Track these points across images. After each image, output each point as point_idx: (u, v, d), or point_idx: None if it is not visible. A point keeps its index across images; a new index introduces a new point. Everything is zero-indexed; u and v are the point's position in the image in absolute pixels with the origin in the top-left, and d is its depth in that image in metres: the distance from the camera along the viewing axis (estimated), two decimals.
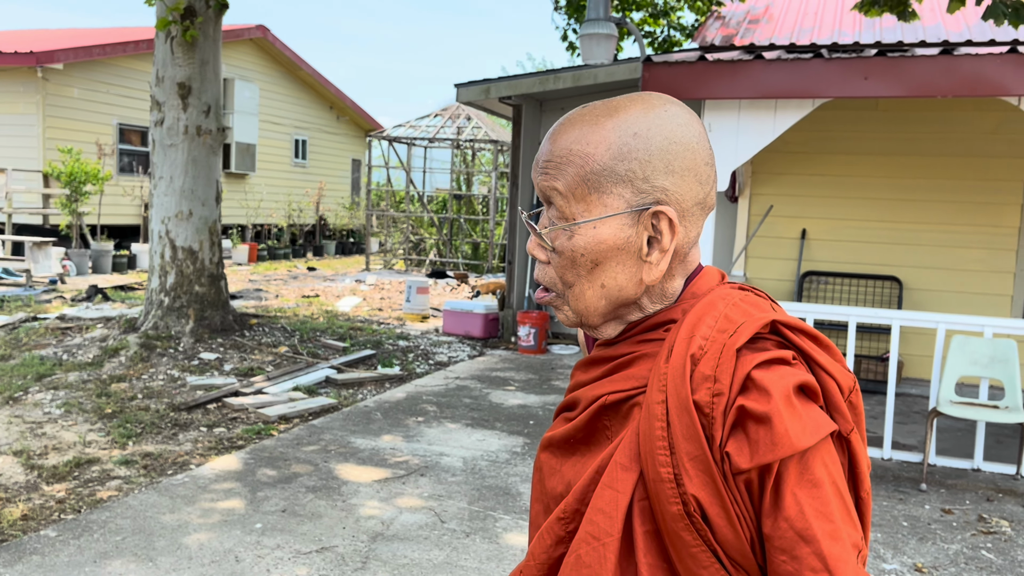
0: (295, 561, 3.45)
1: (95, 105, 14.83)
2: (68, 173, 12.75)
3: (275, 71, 19.16)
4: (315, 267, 16.15)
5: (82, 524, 3.72)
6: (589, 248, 0.95)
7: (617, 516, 0.92)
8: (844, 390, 0.92)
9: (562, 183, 0.95)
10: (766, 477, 0.85)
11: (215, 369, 6.54)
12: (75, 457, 4.57)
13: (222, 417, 5.45)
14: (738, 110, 5.20)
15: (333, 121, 21.53)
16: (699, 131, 0.97)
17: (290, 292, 11.98)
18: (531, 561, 1.00)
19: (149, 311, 7.30)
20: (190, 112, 7.16)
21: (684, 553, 0.88)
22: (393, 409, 5.81)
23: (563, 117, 1.00)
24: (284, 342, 7.50)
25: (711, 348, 0.90)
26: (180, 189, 7.23)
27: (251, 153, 18.11)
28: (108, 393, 5.82)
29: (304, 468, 4.53)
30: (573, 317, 1.01)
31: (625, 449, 0.94)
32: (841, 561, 0.84)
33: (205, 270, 7.37)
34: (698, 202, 0.97)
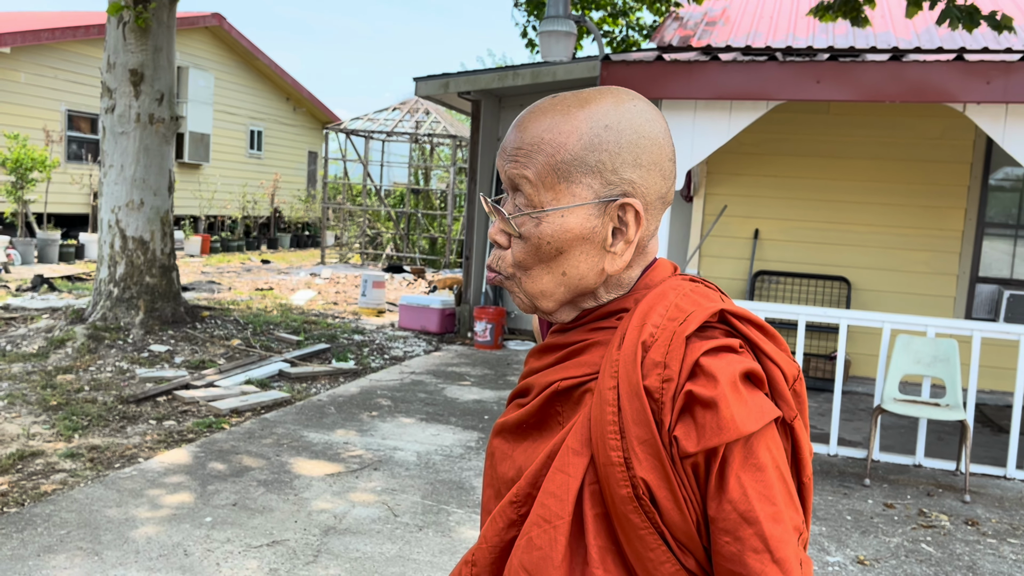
0: (245, 555, 3.42)
1: (43, 91, 14.45)
2: (14, 159, 12.42)
3: (231, 60, 18.87)
4: (269, 260, 15.96)
5: (25, 518, 3.64)
6: (555, 236, 0.96)
7: (568, 499, 0.93)
8: (789, 378, 0.95)
9: (532, 171, 0.96)
10: (712, 461, 0.88)
11: (165, 361, 6.43)
12: (18, 450, 4.46)
13: (172, 410, 5.36)
14: (694, 110, 5.27)
15: (290, 112, 21.28)
16: (664, 127, 0.99)
17: (243, 285, 11.82)
18: (483, 544, 1.01)
19: (97, 302, 7.15)
20: (142, 100, 7.02)
21: (632, 535, 0.90)
22: (347, 403, 5.78)
23: (532, 106, 1.01)
24: (237, 335, 7.40)
25: (661, 336, 0.92)
26: (131, 178, 7.08)
27: (205, 143, 17.82)
28: (53, 385, 5.68)
29: (256, 462, 4.49)
30: (527, 302, 1.02)
31: (577, 434, 0.96)
32: (782, 542, 0.86)
33: (156, 261, 7.24)
34: (660, 196, 0.99)
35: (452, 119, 16.74)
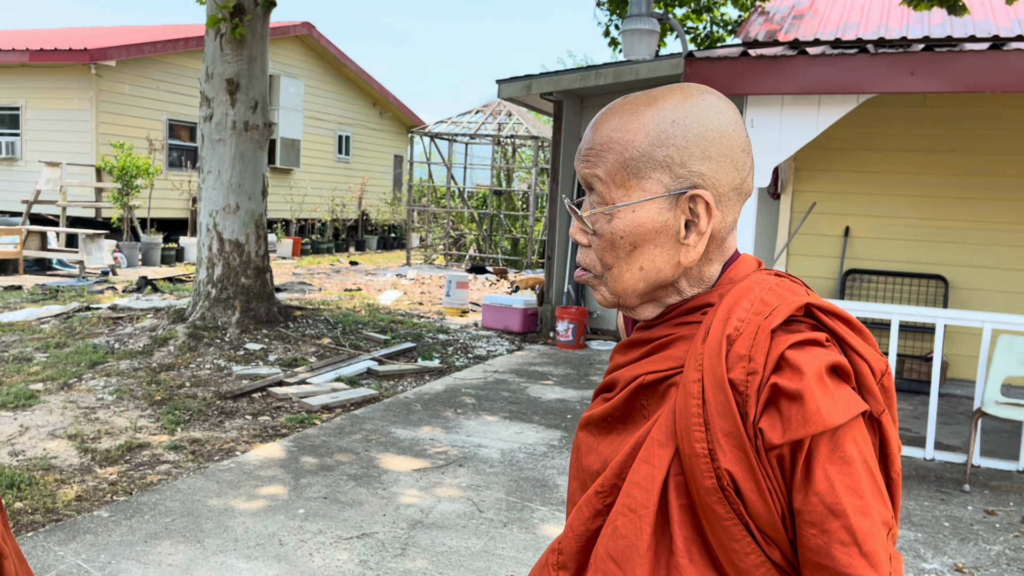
0: (336, 546, 3.53)
1: (146, 101, 15.17)
2: (120, 167, 13.08)
3: (320, 68, 19.41)
4: (357, 261, 16.35)
5: (133, 506, 3.85)
6: (628, 231, 0.99)
7: (653, 489, 0.95)
8: (876, 373, 0.95)
9: (603, 169, 0.99)
10: (797, 453, 0.88)
11: (260, 359, 6.69)
12: (127, 442, 4.71)
13: (267, 406, 5.57)
14: (781, 106, 5.17)
15: (376, 117, 21.75)
16: (735, 119, 1.00)
17: (333, 285, 12.15)
18: (569, 533, 1.04)
19: (197, 302, 7.48)
20: (238, 108, 7.31)
21: (717, 526, 0.91)
22: (433, 401, 5.89)
23: (605, 107, 1.04)
24: (327, 334, 7.63)
25: (746, 329, 0.93)
26: (228, 183, 7.39)
27: (296, 149, 18.38)
28: (158, 381, 5.98)
29: (346, 457, 4.62)
30: (611, 298, 1.05)
31: (662, 426, 0.98)
32: (870, 536, 0.86)
33: (251, 262, 7.52)
34: (734, 187, 1.00)
35: (534, 120, 16.81)
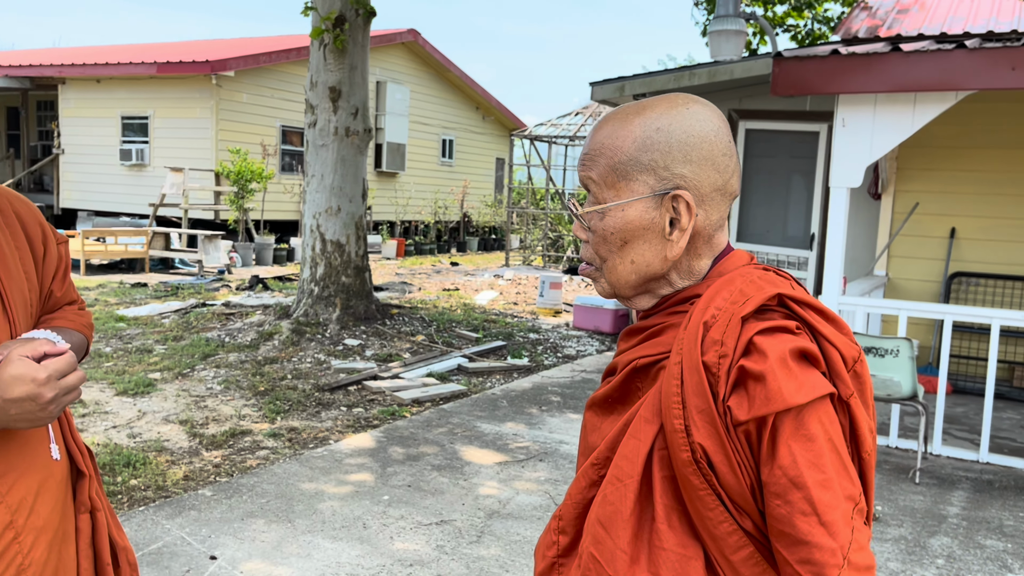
0: (416, 531, 3.71)
1: (261, 108, 15.97)
2: (236, 172, 13.83)
3: (425, 73, 19.92)
4: (458, 262, 16.71)
5: (233, 486, 4.14)
6: (618, 228, 1.09)
7: (638, 461, 1.05)
8: (848, 360, 1.01)
9: (595, 172, 1.10)
10: (763, 429, 0.96)
11: (357, 354, 7.00)
12: (231, 428, 5.05)
13: (361, 398, 5.84)
14: (874, 104, 5.06)
15: (479, 121, 22.13)
16: (717, 126, 1.08)
17: (432, 285, 12.50)
18: (568, 501, 1.14)
19: (300, 299, 7.88)
20: (340, 114, 7.66)
21: (693, 495, 1.00)
22: (519, 398, 6.03)
23: (601, 116, 1.14)
24: (421, 331, 7.89)
25: (721, 316, 1.02)
26: (330, 186, 7.75)
27: (401, 153, 18.93)
28: (262, 373, 6.35)
29: (431, 448, 4.81)
30: (608, 289, 1.15)
31: (649, 405, 1.07)
32: (830, 507, 0.93)
33: (351, 262, 7.86)
34: (716, 188, 1.08)
35: None
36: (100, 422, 5.08)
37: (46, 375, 1.21)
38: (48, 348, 1.25)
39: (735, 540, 0.99)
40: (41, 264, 1.48)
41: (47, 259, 1.49)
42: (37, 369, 1.21)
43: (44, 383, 1.21)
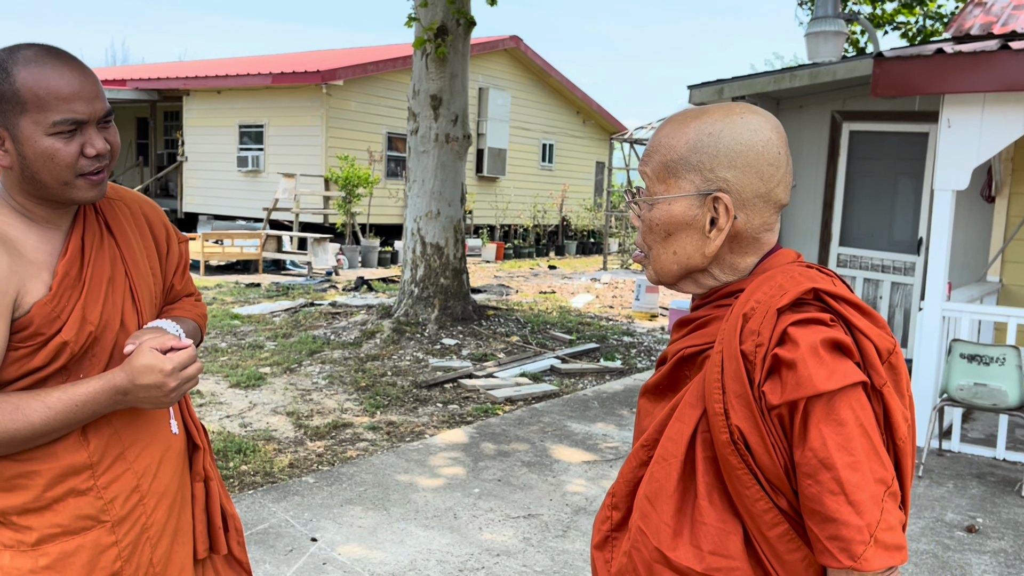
0: (504, 523, 3.85)
1: (368, 116, 16.54)
2: (344, 178, 14.38)
3: (526, 79, 20.16)
4: (555, 265, 16.84)
5: (334, 475, 4.38)
6: (663, 220, 1.18)
7: (681, 442, 1.14)
8: (882, 352, 1.08)
9: (650, 167, 1.20)
10: (795, 413, 1.04)
11: (454, 353, 7.21)
12: (333, 420, 5.32)
13: (456, 396, 6.04)
14: (982, 104, 4.90)
15: (579, 125, 22.22)
16: (767, 137, 1.16)
17: (529, 288, 12.67)
18: (620, 479, 1.24)
19: (401, 300, 8.17)
20: (440, 121, 7.92)
21: (732, 474, 1.09)
22: (610, 399, 6.10)
23: (666, 118, 1.24)
24: (516, 332, 8.05)
25: (759, 309, 1.10)
26: (430, 191, 8.01)
27: (502, 158, 19.21)
28: (364, 369, 6.64)
29: (522, 445, 4.95)
30: (654, 275, 1.25)
31: (693, 390, 1.16)
32: (858, 488, 1.00)
33: (449, 264, 8.10)
34: (759, 195, 1.16)
35: None
36: (215, 412, 5.44)
37: (171, 367, 1.39)
38: (174, 342, 1.43)
39: (771, 517, 1.07)
40: (165, 260, 1.67)
41: (170, 256, 1.69)
42: (164, 361, 1.39)
43: (169, 374, 1.39)
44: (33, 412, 1.34)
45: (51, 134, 1.35)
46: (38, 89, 1.32)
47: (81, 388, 1.37)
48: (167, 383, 1.40)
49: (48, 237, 1.44)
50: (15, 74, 1.32)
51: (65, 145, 1.36)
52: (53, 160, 1.36)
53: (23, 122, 1.34)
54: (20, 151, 1.35)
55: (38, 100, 1.33)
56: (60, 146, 1.35)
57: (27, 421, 1.34)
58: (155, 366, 1.38)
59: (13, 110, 1.33)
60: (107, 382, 1.39)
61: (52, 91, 1.33)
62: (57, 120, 1.34)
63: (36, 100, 1.33)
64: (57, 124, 1.34)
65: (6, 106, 1.33)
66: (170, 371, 1.39)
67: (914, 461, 1.12)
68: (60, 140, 1.35)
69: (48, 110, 1.33)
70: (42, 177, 1.37)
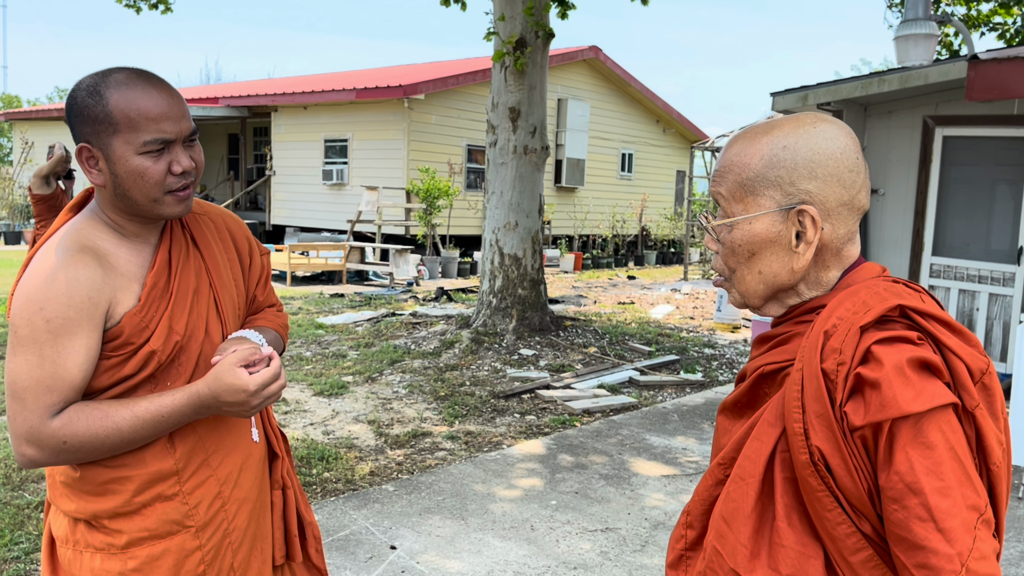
0: (581, 536, 3.81)
1: (448, 129, 16.76)
2: (425, 190, 14.60)
3: (605, 89, 20.09)
4: (635, 276, 16.69)
5: (413, 483, 4.43)
6: (746, 240, 1.15)
7: (760, 462, 1.11)
8: (974, 372, 1.02)
9: (724, 188, 1.17)
10: (879, 435, 0.99)
11: (531, 364, 7.21)
12: (413, 429, 5.38)
13: (533, 407, 6.03)
14: None
15: (659, 134, 22.00)
16: (844, 144, 1.12)
17: (608, 299, 12.58)
18: (696, 498, 1.21)
19: (480, 310, 8.22)
20: (519, 133, 7.95)
21: (812, 496, 1.05)
22: (690, 413, 5.99)
23: (732, 135, 1.21)
24: (594, 343, 8.00)
25: (841, 326, 1.06)
26: (508, 203, 8.05)
27: (580, 168, 19.18)
28: (443, 379, 6.70)
29: (599, 458, 4.90)
30: (739, 298, 1.21)
31: (773, 409, 1.13)
32: (948, 514, 0.95)
33: (527, 275, 8.12)
34: (843, 203, 1.12)
35: None
36: (300, 419, 5.57)
37: (255, 387, 1.43)
38: (256, 356, 1.46)
39: (853, 542, 1.03)
40: (247, 272, 1.72)
41: (252, 268, 1.74)
42: (248, 382, 1.42)
43: (253, 394, 1.43)
44: (122, 420, 1.40)
45: (141, 153, 1.41)
46: (129, 111, 1.38)
47: (167, 399, 1.42)
48: (250, 402, 1.43)
49: (138, 251, 1.50)
50: (107, 97, 1.39)
51: (154, 163, 1.42)
52: (143, 178, 1.41)
53: (115, 142, 1.40)
54: (112, 170, 1.42)
55: (129, 121, 1.39)
56: (149, 164, 1.41)
57: (116, 428, 1.39)
58: (239, 386, 1.41)
59: (106, 131, 1.39)
60: (192, 395, 1.43)
61: (142, 112, 1.39)
62: (147, 140, 1.40)
63: (127, 121, 1.39)
64: (147, 144, 1.40)
65: (99, 127, 1.39)
66: (254, 391, 1.42)
67: (1009, 487, 1.06)
68: (149, 159, 1.41)
69: (139, 130, 1.39)
70: (133, 194, 1.43)
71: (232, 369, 1.41)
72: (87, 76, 1.43)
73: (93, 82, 1.40)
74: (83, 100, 1.40)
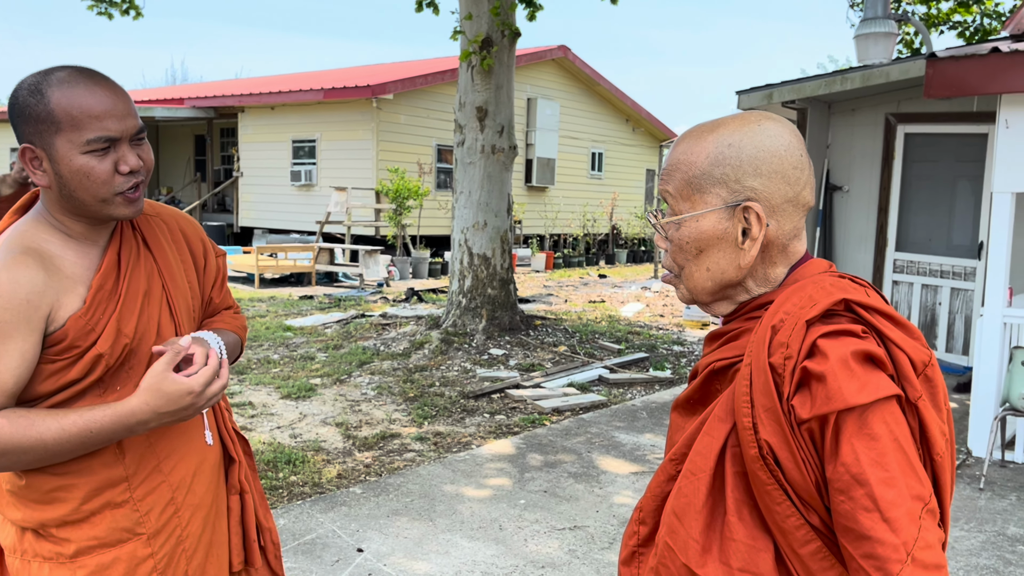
0: (550, 535, 3.82)
1: (418, 129, 16.70)
2: (394, 190, 14.53)
3: (575, 88, 20.14)
4: (606, 274, 16.75)
5: (381, 485, 4.40)
6: (693, 237, 1.15)
7: (711, 457, 1.11)
8: (917, 364, 1.04)
9: (672, 186, 1.17)
10: (825, 427, 1.00)
11: (501, 364, 7.21)
12: (382, 431, 5.35)
13: (503, 406, 6.03)
14: None
15: (629, 133, 22.11)
16: (788, 141, 1.13)
17: (578, 297, 12.61)
18: (648, 494, 1.22)
19: (450, 311, 8.20)
20: (486, 133, 7.94)
21: (761, 490, 1.05)
22: (659, 410, 6.02)
23: (681, 135, 1.22)
24: (564, 342, 8.01)
25: (788, 320, 1.06)
26: (477, 202, 8.04)
27: (551, 167, 19.21)
28: (412, 380, 6.68)
29: (568, 456, 4.91)
30: (687, 294, 1.21)
31: (723, 404, 1.13)
32: (893, 504, 0.96)
33: (496, 275, 8.11)
34: (788, 200, 1.13)
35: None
36: (267, 423, 5.52)
37: (200, 387, 1.40)
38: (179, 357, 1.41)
39: (802, 534, 1.03)
40: (203, 274, 1.70)
41: (207, 270, 1.71)
42: (192, 384, 1.39)
43: (199, 394, 1.40)
44: (47, 431, 1.35)
45: (85, 152, 1.38)
46: (71, 109, 1.36)
47: (98, 414, 1.37)
48: (197, 403, 1.41)
49: (85, 252, 1.47)
50: (49, 95, 1.36)
51: (99, 163, 1.39)
52: (88, 178, 1.39)
53: (58, 141, 1.37)
54: (56, 170, 1.39)
55: (71, 119, 1.36)
56: (95, 164, 1.39)
57: (39, 439, 1.34)
58: (183, 391, 1.37)
59: (48, 130, 1.37)
60: (123, 415, 1.38)
61: (84, 110, 1.36)
62: (91, 138, 1.37)
63: (69, 119, 1.36)
64: (91, 142, 1.37)
65: (42, 127, 1.37)
66: (200, 391, 1.40)
67: (954, 477, 1.07)
68: (94, 158, 1.38)
69: (81, 128, 1.36)
70: (79, 195, 1.41)
71: (167, 377, 1.38)
72: (29, 75, 1.40)
73: (35, 81, 1.38)
74: (24, 99, 1.37)
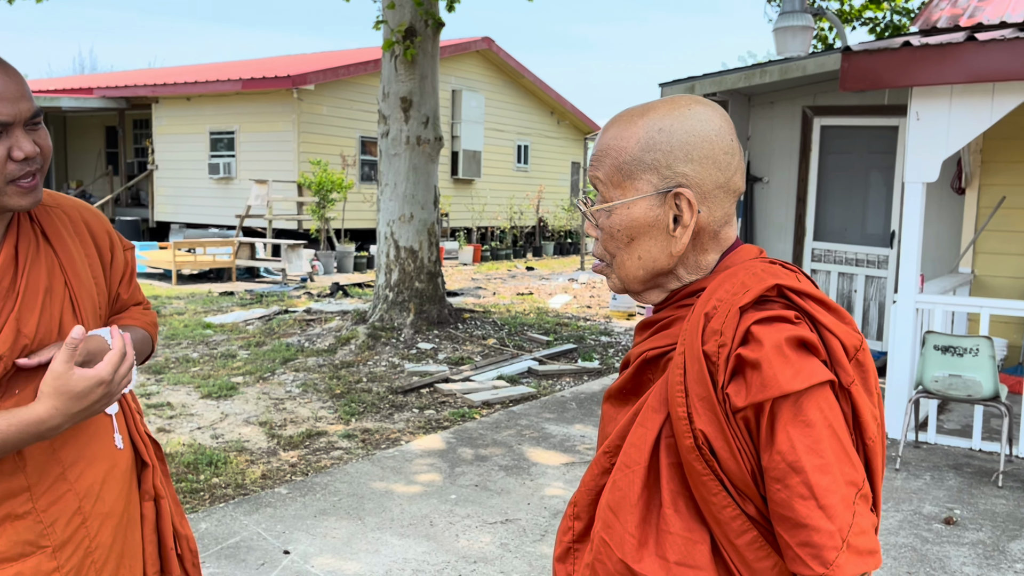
0: (481, 529, 3.78)
1: (341, 120, 16.41)
2: (317, 183, 14.25)
3: (500, 80, 20.11)
4: (533, 267, 16.80)
5: (308, 485, 4.30)
6: (624, 225, 1.12)
7: (644, 448, 1.09)
8: (849, 349, 1.03)
9: (602, 172, 1.14)
10: (760, 415, 0.99)
11: (430, 358, 7.14)
12: (307, 429, 5.23)
13: (432, 401, 5.97)
14: (949, 96, 4.91)
15: (554, 126, 22.20)
16: (719, 126, 1.11)
17: (507, 290, 12.61)
18: (582, 488, 1.19)
19: (376, 305, 8.08)
20: (411, 124, 7.84)
21: (697, 481, 1.03)
22: (588, 400, 6.05)
23: (609, 119, 1.19)
24: (493, 335, 7.99)
25: (721, 307, 1.05)
26: (403, 194, 7.93)
27: (477, 160, 19.15)
28: (338, 376, 6.55)
29: (499, 449, 4.89)
30: (619, 283, 1.19)
31: (656, 394, 1.11)
32: (828, 491, 0.95)
33: (424, 268, 8.03)
34: (719, 185, 1.11)
35: None
36: (186, 423, 5.33)
37: (110, 375, 1.32)
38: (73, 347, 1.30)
39: (738, 524, 1.02)
40: (109, 269, 1.60)
41: (114, 264, 1.61)
42: (101, 373, 1.30)
43: (111, 381, 1.32)
44: None
45: None
46: None
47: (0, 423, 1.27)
48: (112, 391, 1.33)
49: None
50: None
51: None
52: None
53: None
54: None
55: None
56: None
57: None
58: (94, 382, 1.30)
59: None
60: (27, 423, 1.28)
61: None
62: None
63: None
64: None
65: None
66: (111, 378, 1.32)
67: (884, 460, 1.08)
68: None
69: None
70: None
71: (72, 375, 1.29)
72: None
73: None
74: None
